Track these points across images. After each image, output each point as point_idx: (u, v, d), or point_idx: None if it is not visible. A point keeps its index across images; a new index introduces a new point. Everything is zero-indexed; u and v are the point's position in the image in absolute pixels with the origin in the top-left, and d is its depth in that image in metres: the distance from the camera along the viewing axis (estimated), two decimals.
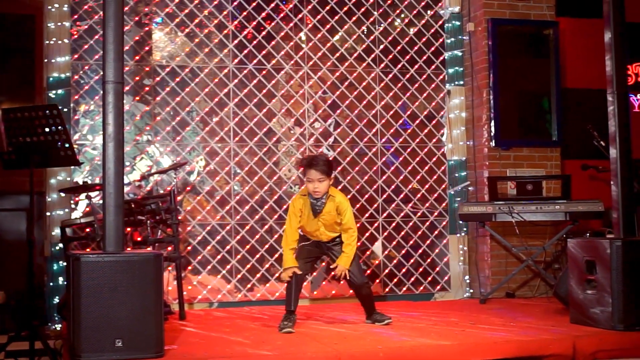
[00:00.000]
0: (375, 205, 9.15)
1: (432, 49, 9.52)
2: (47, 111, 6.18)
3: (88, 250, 7.77)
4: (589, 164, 9.37)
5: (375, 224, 9.13)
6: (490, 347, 5.80)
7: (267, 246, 8.74)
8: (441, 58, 9.55)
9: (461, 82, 9.54)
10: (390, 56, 9.38)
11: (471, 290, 9.28)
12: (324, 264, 8.81)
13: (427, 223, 9.32)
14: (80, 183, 8.08)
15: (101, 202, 7.26)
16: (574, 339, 5.97)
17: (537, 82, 9.50)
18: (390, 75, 9.35)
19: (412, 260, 9.22)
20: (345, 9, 9.25)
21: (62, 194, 7.94)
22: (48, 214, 8.08)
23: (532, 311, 7.72)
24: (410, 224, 9.26)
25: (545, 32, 9.50)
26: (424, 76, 9.46)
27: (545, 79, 9.48)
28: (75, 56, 8.35)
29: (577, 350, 5.91)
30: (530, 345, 5.89)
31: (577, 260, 6.70)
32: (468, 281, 9.32)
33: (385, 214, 9.17)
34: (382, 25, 9.38)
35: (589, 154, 9.37)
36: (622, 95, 6.75)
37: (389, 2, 9.41)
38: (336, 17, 9.23)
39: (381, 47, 9.36)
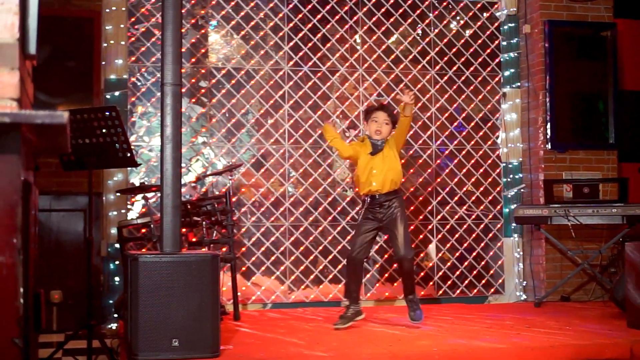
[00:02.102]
0: (430, 208, 9.12)
1: (488, 51, 9.48)
2: (107, 113, 6.22)
3: (144, 250, 7.84)
4: None
5: (430, 227, 9.10)
6: (547, 351, 5.77)
7: (320, 247, 8.77)
8: (497, 60, 9.50)
9: (517, 85, 9.49)
10: (446, 58, 9.35)
11: (526, 294, 9.22)
12: (377, 265, 8.83)
13: (482, 226, 9.28)
14: (137, 184, 8.15)
15: (157, 202, 7.35)
16: (631, 344, 5.91)
17: (594, 84, 9.43)
18: (446, 78, 9.33)
19: (466, 263, 9.18)
20: (401, 11, 9.25)
21: (119, 195, 8.03)
22: (105, 214, 8.18)
23: (588, 315, 7.65)
24: (465, 226, 9.22)
25: (603, 34, 9.41)
26: (480, 78, 9.42)
27: (602, 81, 9.40)
28: (132, 58, 8.45)
29: (635, 355, 5.85)
30: (587, 349, 5.84)
31: (634, 264, 6.62)
32: (523, 284, 9.26)
33: (439, 217, 9.14)
34: (437, 27, 9.36)
35: None
36: None
37: (444, 4, 9.40)
38: (391, 19, 9.22)
39: (436, 49, 9.34)
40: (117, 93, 8.30)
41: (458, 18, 9.46)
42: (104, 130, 6.26)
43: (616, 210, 8.43)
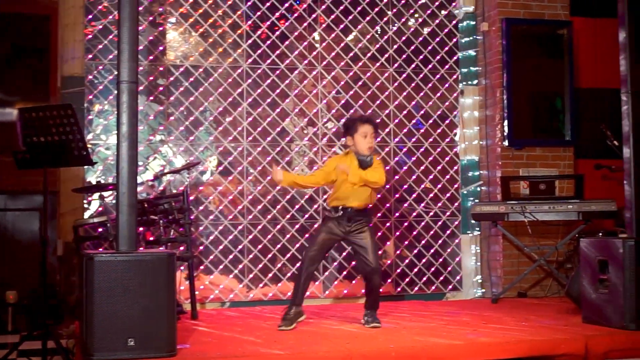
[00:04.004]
0: (388, 205, 9.14)
1: (446, 48, 9.52)
2: (62, 111, 6.18)
3: (101, 249, 7.79)
4: (602, 164, 9.35)
5: (388, 224, 9.12)
6: (502, 347, 5.79)
7: (279, 246, 8.76)
8: (455, 58, 9.55)
9: (475, 82, 9.55)
10: (404, 56, 9.38)
11: (483, 290, 9.29)
12: (335, 263, 8.84)
13: (440, 223, 9.32)
14: (94, 183, 8.09)
15: (114, 201, 7.31)
16: (586, 339, 5.95)
17: (551, 81, 9.49)
18: (404, 75, 9.35)
19: (424, 260, 9.21)
20: (359, 8, 9.25)
21: (76, 194, 7.97)
22: (62, 213, 8.11)
23: (544, 311, 7.70)
24: (423, 223, 9.25)
25: (560, 32, 9.48)
26: (438, 76, 9.46)
27: (559, 78, 9.46)
28: (90, 56, 8.39)
29: (589, 350, 5.89)
30: (542, 345, 5.87)
31: (589, 260, 6.68)
32: (480, 281, 9.32)
33: (397, 214, 9.16)
34: (395, 25, 9.39)
35: (602, 153, 9.34)
36: (636, 95, 6.73)
37: (402, 1, 9.42)
38: (350, 17, 9.23)
39: (395, 46, 9.36)
40: (74, 91, 8.23)
41: (416, 16, 9.49)
42: (59, 129, 6.22)
43: (572, 207, 8.50)
